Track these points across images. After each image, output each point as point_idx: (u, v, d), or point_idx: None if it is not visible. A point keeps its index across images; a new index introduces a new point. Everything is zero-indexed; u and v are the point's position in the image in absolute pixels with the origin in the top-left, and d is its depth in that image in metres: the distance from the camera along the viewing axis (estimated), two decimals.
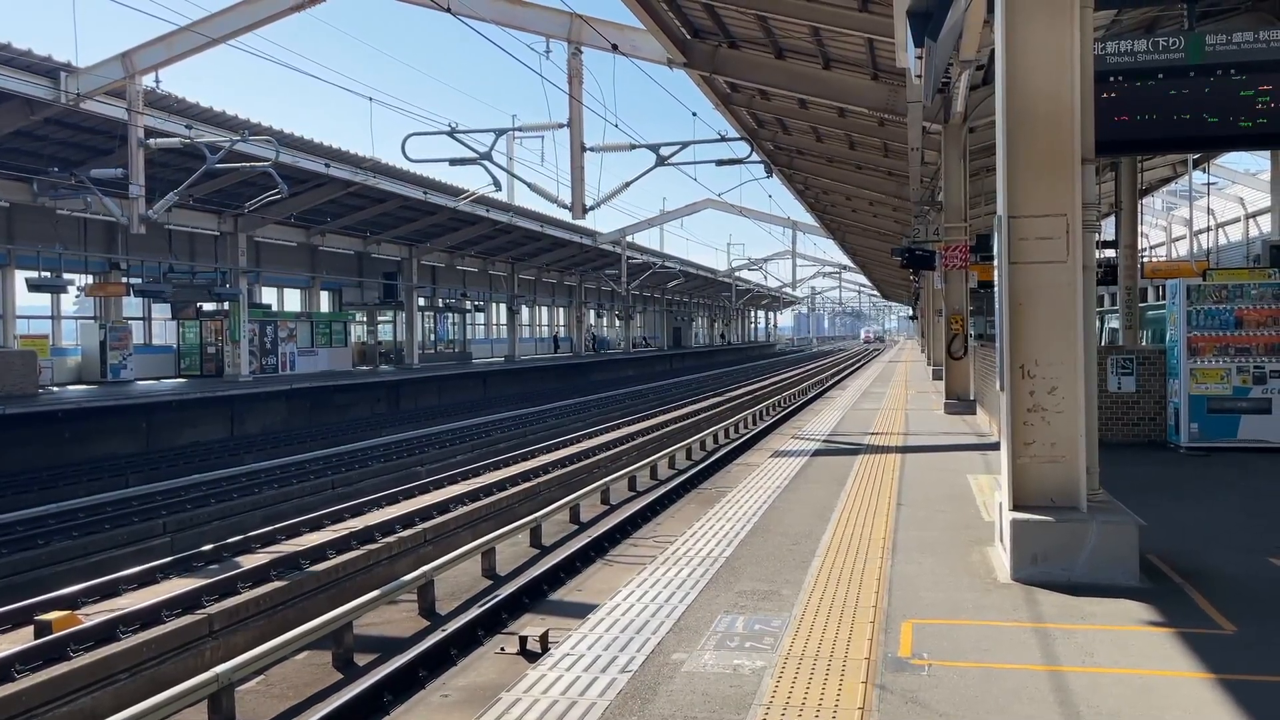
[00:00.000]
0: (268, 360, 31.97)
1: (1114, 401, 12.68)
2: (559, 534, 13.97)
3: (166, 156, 21.94)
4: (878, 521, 8.36)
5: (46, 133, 21.46)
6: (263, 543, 12.34)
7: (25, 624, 9.07)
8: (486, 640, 9.23)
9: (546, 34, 17.75)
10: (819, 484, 10.58)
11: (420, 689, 8.07)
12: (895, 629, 5.45)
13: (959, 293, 18.75)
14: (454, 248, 42.50)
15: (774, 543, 7.72)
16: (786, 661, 4.99)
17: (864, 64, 15.89)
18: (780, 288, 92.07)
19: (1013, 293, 6.44)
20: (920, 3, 6.53)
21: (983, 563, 6.82)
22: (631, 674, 4.91)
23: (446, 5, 13.77)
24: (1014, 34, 6.39)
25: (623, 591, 6.47)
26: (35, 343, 25.17)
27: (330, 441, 23.73)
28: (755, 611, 5.88)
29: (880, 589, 6.24)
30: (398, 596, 10.01)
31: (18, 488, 17.30)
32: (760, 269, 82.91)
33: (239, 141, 20.64)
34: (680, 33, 15.84)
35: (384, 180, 29.26)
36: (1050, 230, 6.38)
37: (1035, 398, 6.42)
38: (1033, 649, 5.09)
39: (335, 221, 34.06)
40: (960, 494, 9.67)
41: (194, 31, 18.50)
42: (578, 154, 19.30)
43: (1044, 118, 6.39)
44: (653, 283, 64.03)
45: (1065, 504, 6.39)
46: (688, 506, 15.54)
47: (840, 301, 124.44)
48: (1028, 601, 5.89)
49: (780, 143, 23.98)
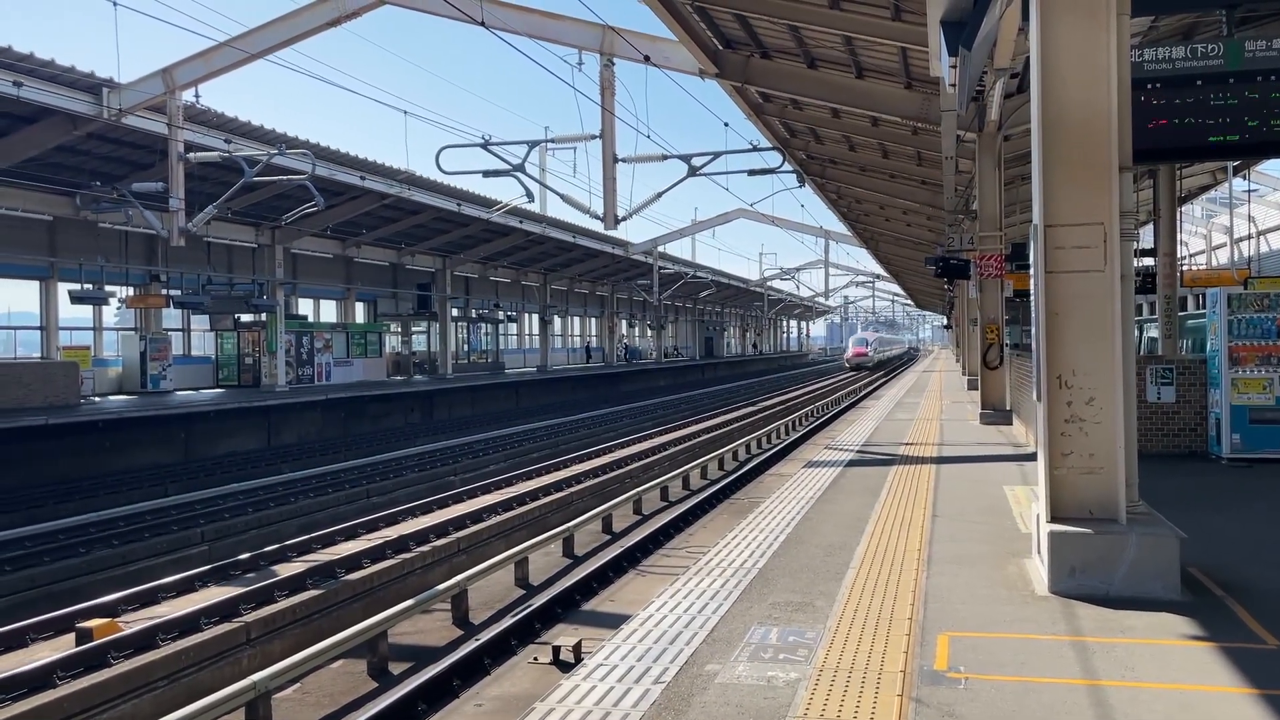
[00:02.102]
0: (304, 371, 32.30)
1: (1153, 412, 12.50)
2: (591, 544, 13.99)
3: (205, 170, 22.27)
4: (912, 533, 8.29)
5: (89, 148, 21.86)
6: (299, 551, 12.46)
7: (67, 631, 9.21)
8: (520, 650, 9.26)
9: (579, 46, 17.85)
10: (853, 495, 10.51)
11: (454, 698, 8.11)
12: (931, 642, 5.40)
13: (994, 302, 18.59)
14: (487, 259, 42.76)
15: (807, 554, 7.68)
16: (821, 673, 4.96)
17: (897, 73, 15.83)
18: (812, 297, 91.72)
19: (1049, 302, 6.38)
20: (954, 11, 6.50)
21: (1020, 575, 6.75)
22: (665, 685, 4.90)
23: (481, 19, 13.89)
24: (1049, 42, 6.34)
25: (655, 602, 6.46)
26: (77, 354, 25.60)
27: (365, 451, 23.92)
28: (789, 623, 5.85)
29: (915, 601, 6.19)
30: (431, 605, 10.07)
31: (59, 496, 17.59)
32: (792, 278, 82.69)
33: (276, 155, 20.90)
34: (712, 43, 15.87)
35: (418, 192, 29.51)
36: (1087, 239, 6.32)
37: (1073, 408, 6.34)
38: (1071, 663, 5.03)
39: (370, 233, 34.38)
40: (996, 505, 9.58)
41: (232, 47, 18.80)
42: (610, 165, 19.36)
43: (1080, 125, 6.33)
44: (684, 293, 64.00)
45: (1104, 516, 6.31)
46: (720, 517, 15.50)
47: (874, 311, 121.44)
48: (1066, 615, 5.82)
49: (813, 152, 23.92)
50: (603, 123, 19.11)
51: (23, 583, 12.06)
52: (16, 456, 18.76)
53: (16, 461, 18.72)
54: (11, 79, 17.11)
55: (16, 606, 11.28)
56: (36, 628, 9.35)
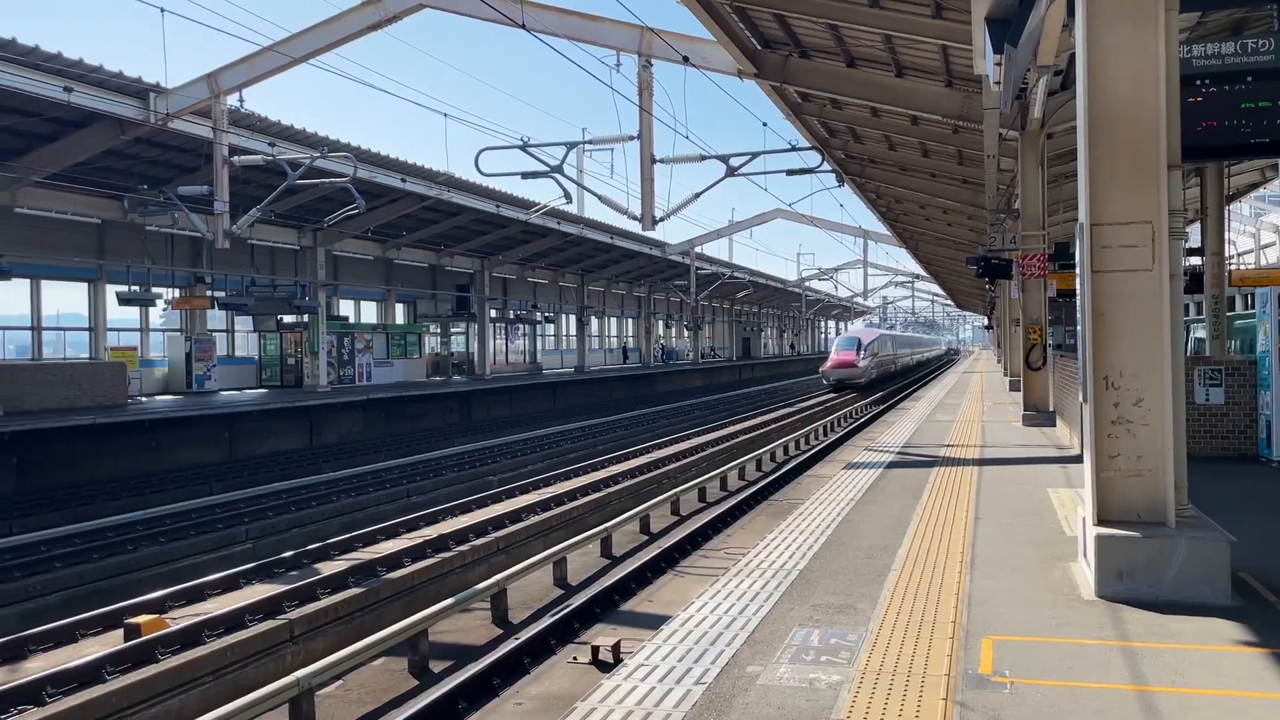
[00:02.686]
0: (345, 371, 32.64)
1: (1201, 414, 12.29)
2: (629, 544, 14.00)
3: (249, 173, 22.58)
4: (955, 536, 8.21)
5: (136, 151, 22.24)
6: (341, 550, 12.58)
7: (116, 627, 9.38)
8: (559, 649, 9.28)
9: (617, 47, 17.88)
10: (893, 497, 10.43)
11: (494, 697, 8.15)
12: (975, 645, 5.34)
13: (1037, 302, 18.37)
14: (525, 260, 42.94)
15: (848, 556, 7.63)
16: (864, 676, 4.93)
17: (938, 71, 15.69)
18: (851, 297, 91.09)
19: (1095, 302, 6.29)
20: (999, 9, 6.43)
21: (1065, 579, 6.66)
22: (706, 686, 4.89)
23: (521, 21, 13.96)
24: (1096, 39, 6.26)
25: (695, 603, 6.46)
26: (125, 354, 26.06)
27: (404, 451, 24.11)
28: (831, 625, 5.82)
29: (959, 604, 6.13)
30: (471, 604, 10.13)
31: (108, 494, 17.92)
32: (831, 278, 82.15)
33: (319, 158, 21.14)
34: (751, 43, 15.82)
35: (457, 194, 29.71)
36: (1135, 238, 6.23)
37: (1120, 410, 6.25)
38: (1119, 668, 4.95)
39: (410, 235, 34.66)
40: (1040, 508, 9.46)
41: (276, 51, 19.04)
42: (648, 166, 19.37)
43: (1127, 123, 6.24)
44: (721, 293, 63.88)
45: (1152, 519, 6.21)
46: (759, 518, 15.43)
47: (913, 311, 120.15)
48: (1113, 619, 5.74)
49: (852, 151, 23.77)
50: (640, 124, 19.12)
51: (73, 579, 12.30)
52: (68, 455, 19.13)
53: (67, 460, 19.10)
54: (62, 84, 17.46)
55: (67, 602, 11.51)
56: (86, 624, 9.52)
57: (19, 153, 20.39)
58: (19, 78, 16.71)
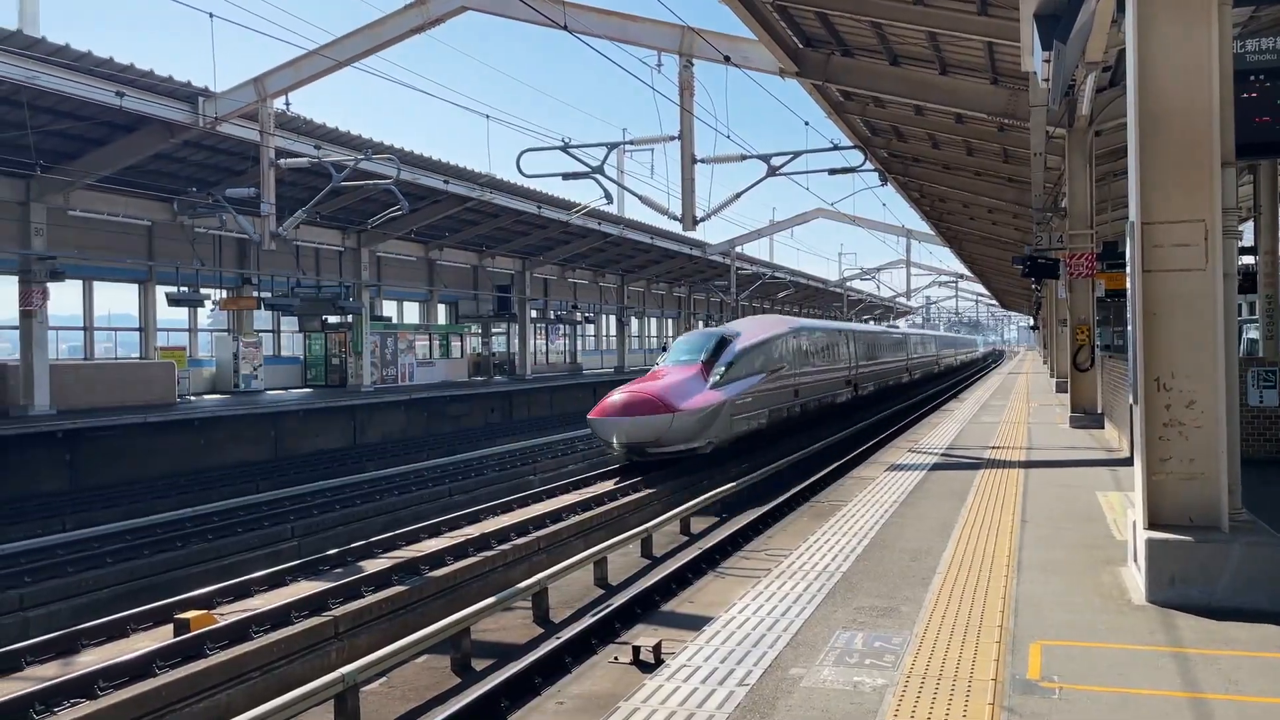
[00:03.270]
0: (388, 371, 32.95)
1: (1254, 416, 12.02)
2: (669, 545, 13.98)
3: (294, 175, 22.86)
4: (1001, 539, 8.11)
5: (185, 155, 22.63)
6: (385, 548, 12.70)
7: (165, 622, 9.54)
8: (600, 649, 9.29)
9: (659, 48, 17.86)
10: (937, 499, 10.32)
11: (536, 695, 8.17)
12: (1023, 650, 5.27)
13: (1084, 302, 18.08)
14: (565, 261, 43.08)
15: (892, 558, 7.56)
16: (909, 680, 4.88)
17: (983, 68, 15.50)
18: (893, 297, 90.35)
19: (1146, 302, 6.18)
20: (1048, 5, 6.32)
21: (1115, 583, 6.55)
22: (749, 688, 4.87)
23: (563, 23, 14.00)
24: (1146, 34, 6.15)
25: (737, 604, 6.43)
26: (174, 354, 26.53)
27: (446, 450, 24.30)
28: (874, 628, 5.77)
29: (1005, 608, 6.05)
30: (513, 603, 10.17)
31: (158, 492, 18.25)
32: (873, 278, 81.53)
33: (363, 160, 21.35)
34: (792, 42, 15.74)
35: (499, 195, 29.88)
36: (1187, 236, 6.11)
37: (1171, 412, 6.14)
38: (1171, 674, 4.86)
39: (452, 236, 34.92)
40: (1089, 511, 9.31)
41: (321, 55, 19.25)
42: (688, 166, 19.33)
43: (1180, 119, 6.12)
44: (762, 293, 63.60)
45: (1205, 523, 6.09)
46: (800, 520, 15.32)
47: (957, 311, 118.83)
48: (1165, 625, 5.63)
49: (895, 150, 23.56)
50: (681, 123, 19.08)
51: (124, 575, 12.54)
52: (119, 453, 19.51)
53: (119, 457, 19.47)
54: (113, 89, 17.79)
55: (119, 598, 11.74)
56: (137, 618, 9.69)
57: (71, 156, 20.82)
58: (72, 83, 17.06)
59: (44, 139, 19.28)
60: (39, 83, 16.50)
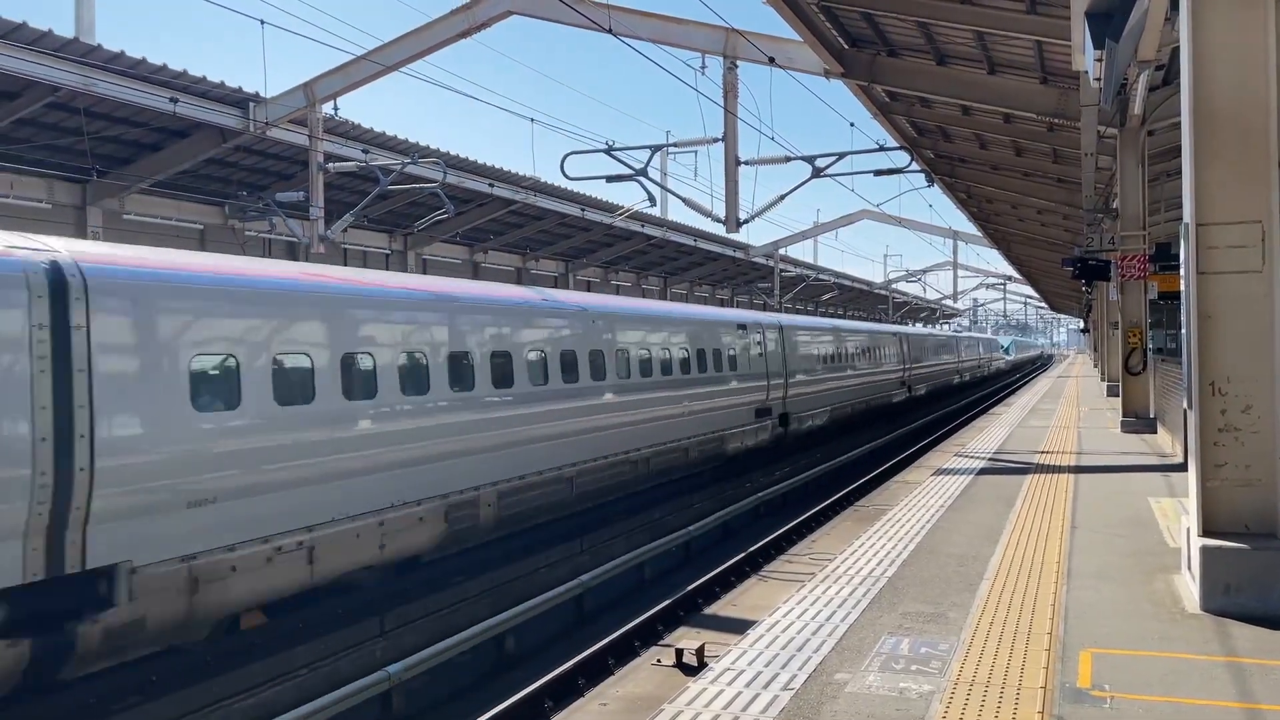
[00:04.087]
0: None
1: None
2: (712, 547, 13.95)
3: (342, 179, 23.16)
4: (1050, 545, 7.99)
5: (236, 159, 23.01)
6: None
7: None
8: (642, 651, 9.29)
9: (703, 50, 17.87)
10: (985, 504, 10.20)
11: (579, 696, 8.19)
12: (1073, 658, 5.19)
13: (1137, 304, 17.77)
14: (608, 263, 43.18)
15: (938, 564, 7.49)
16: (956, 687, 4.82)
17: (1032, 67, 15.30)
18: (940, 300, 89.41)
19: (1201, 305, 6.06)
20: (1100, 3, 6.23)
21: (1168, 591, 6.43)
22: (794, 692, 4.85)
23: (608, 26, 14.04)
24: (1201, 31, 6.03)
25: (781, 608, 6.40)
26: None
27: None
28: (921, 634, 5.71)
29: (1055, 615, 5.96)
30: (556, 603, 10.21)
31: None
32: (919, 280, 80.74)
33: (409, 164, 21.56)
34: (837, 43, 15.65)
35: (543, 198, 30.04)
36: (1243, 238, 5.99)
37: (1227, 417, 6.01)
38: (1226, 684, 4.76)
39: (497, 239, 35.16)
40: (1141, 518, 9.14)
41: (369, 60, 19.49)
42: (732, 168, 19.28)
43: (1235, 118, 6.00)
44: (806, 295, 63.30)
45: (1261, 530, 5.95)
46: (844, 524, 15.20)
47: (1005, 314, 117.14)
48: (1219, 634, 5.52)
49: (941, 151, 23.33)
50: (725, 125, 19.04)
51: None
52: None
53: None
54: (167, 95, 18.15)
55: None
56: None
57: (126, 161, 21.26)
58: (127, 89, 17.43)
59: (100, 144, 19.72)
60: (95, 90, 16.88)
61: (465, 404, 11.16)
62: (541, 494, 12.61)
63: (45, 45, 15.67)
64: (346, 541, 9.37)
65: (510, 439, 11.93)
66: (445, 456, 10.74)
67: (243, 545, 8.27)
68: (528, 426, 12.28)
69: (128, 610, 7.43)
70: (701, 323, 18.97)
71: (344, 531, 9.34)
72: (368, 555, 9.70)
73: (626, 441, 14.82)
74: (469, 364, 11.36)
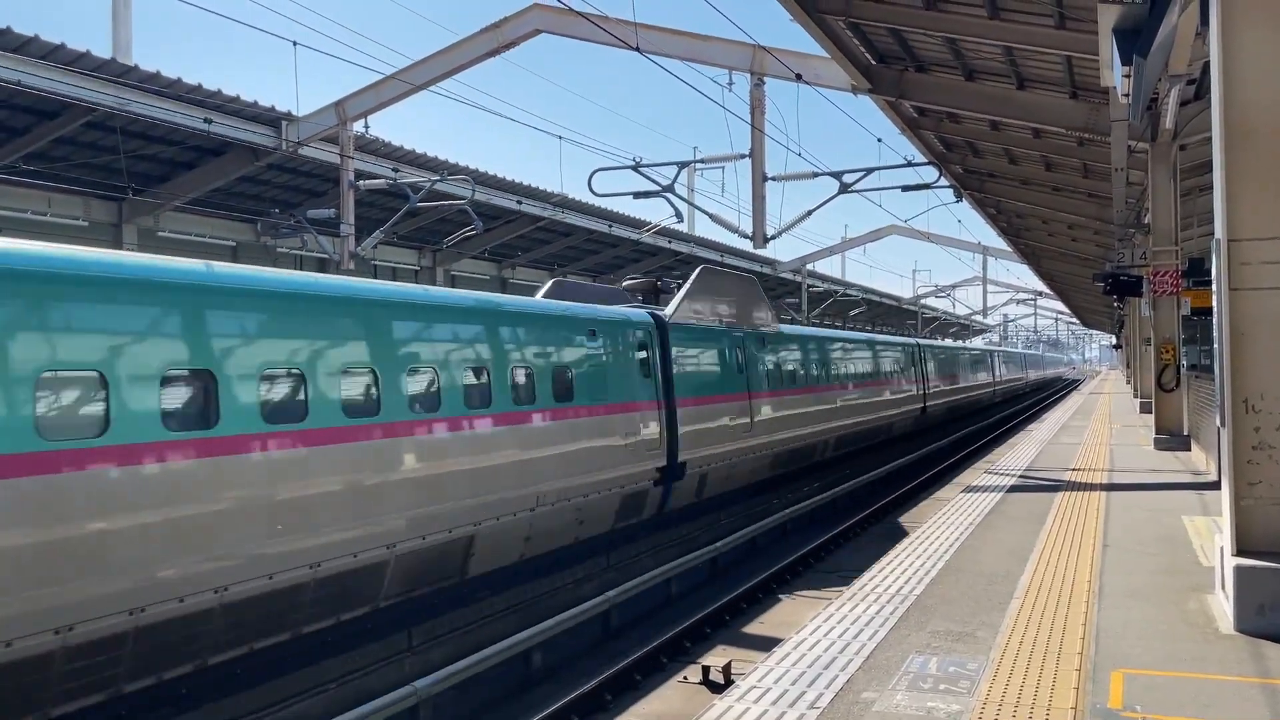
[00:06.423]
0: None
1: None
2: (739, 564, 13.90)
3: (372, 196, 23.41)
4: (1081, 564, 7.91)
5: (268, 177, 23.31)
6: None
7: None
8: (669, 667, 9.27)
9: (730, 66, 17.91)
10: (1015, 521, 10.11)
11: (605, 713, 8.18)
12: (1103, 678, 5.13)
13: (1169, 320, 17.58)
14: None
15: (967, 582, 7.43)
16: (984, 707, 4.78)
17: (1061, 82, 15.23)
18: (969, 315, 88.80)
19: (1234, 321, 6.00)
20: (1128, 18, 6.21)
21: (1201, 612, 6.34)
22: (820, 711, 4.82)
23: (635, 44, 14.13)
24: (1231, 44, 5.99)
25: (808, 625, 6.38)
26: None
27: None
28: (949, 653, 5.67)
29: (1085, 635, 5.90)
30: (582, 619, 10.21)
31: None
32: (948, 296, 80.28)
33: (438, 181, 21.76)
34: (865, 59, 15.65)
35: (571, 215, 30.19)
36: (1276, 254, 5.92)
37: (1261, 434, 5.94)
38: (1260, 706, 4.69)
39: (525, 255, 35.35)
40: (1174, 536, 9.03)
41: (399, 79, 19.72)
42: (759, 184, 19.31)
43: (1268, 131, 5.95)
44: (833, 311, 63.06)
45: None
46: (872, 541, 15.14)
47: (1035, 329, 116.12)
48: (1254, 655, 5.43)
49: (970, 166, 23.23)
50: (752, 141, 19.09)
51: None
52: None
53: None
54: (202, 115, 18.44)
55: None
56: None
57: (161, 180, 21.59)
58: (162, 109, 17.72)
59: (135, 163, 20.04)
60: (131, 109, 17.17)
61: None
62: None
63: (83, 66, 15.97)
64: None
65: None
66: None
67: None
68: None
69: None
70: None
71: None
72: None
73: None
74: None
